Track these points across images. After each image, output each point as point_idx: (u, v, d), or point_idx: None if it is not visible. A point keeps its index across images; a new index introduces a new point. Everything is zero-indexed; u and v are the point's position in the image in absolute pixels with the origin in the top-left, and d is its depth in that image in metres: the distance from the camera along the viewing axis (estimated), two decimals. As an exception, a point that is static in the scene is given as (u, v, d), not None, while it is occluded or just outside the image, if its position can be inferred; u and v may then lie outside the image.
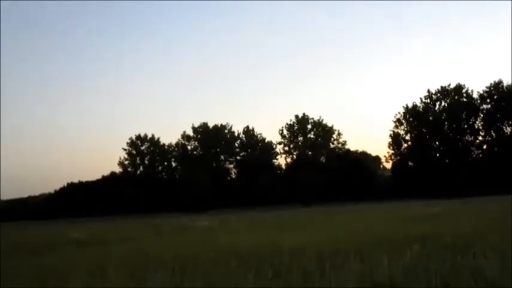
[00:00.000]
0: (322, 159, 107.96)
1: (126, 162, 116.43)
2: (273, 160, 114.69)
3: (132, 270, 11.51)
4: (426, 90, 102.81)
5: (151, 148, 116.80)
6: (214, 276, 9.78)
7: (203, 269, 10.80)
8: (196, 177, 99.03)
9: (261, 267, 10.16)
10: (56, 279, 10.95)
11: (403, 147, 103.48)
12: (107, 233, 32.40)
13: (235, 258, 12.34)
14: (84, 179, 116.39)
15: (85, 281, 10.28)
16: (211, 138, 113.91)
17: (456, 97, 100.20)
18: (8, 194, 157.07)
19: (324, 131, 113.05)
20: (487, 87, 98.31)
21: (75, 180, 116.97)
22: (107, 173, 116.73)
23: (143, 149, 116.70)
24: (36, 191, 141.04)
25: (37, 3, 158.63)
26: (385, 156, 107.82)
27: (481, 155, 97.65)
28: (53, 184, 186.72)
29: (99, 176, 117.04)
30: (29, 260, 16.39)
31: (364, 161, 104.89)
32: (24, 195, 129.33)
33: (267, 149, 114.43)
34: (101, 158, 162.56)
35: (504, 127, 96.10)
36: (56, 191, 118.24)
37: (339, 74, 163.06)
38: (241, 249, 14.34)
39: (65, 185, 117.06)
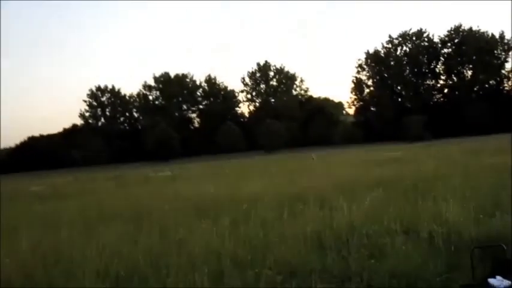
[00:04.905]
0: (285, 106, 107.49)
1: (87, 114, 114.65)
2: (236, 108, 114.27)
3: (87, 224, 11.23)
4: (387, 36, 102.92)
5: (112, 99, 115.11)
6: (170, 226, 9.55)
7: (159, 219, 10.56)
8: (159, 127, 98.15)
9: (219, 216, 9.97)
10: (11, 233, 10.63)
11: (365, 93, 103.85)
12: (67, 186, 31.99)
13: (193, 208, 12.14)
14: (45, 133, 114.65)
15: (38, 235, 9.97)
16: (173, 88, 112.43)
17: (417, 42, 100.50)
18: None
19: (287, 78, 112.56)
20: (447, 31, 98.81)
21: (36, 134, 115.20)
22: (68, 125, 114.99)
23: (104, 100, 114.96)
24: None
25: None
26: (347, 102, 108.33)
27: (442, 99, 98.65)
28: (14, 139, 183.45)
29: (60, 129, 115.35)
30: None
31: (326, 107, 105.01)
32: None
33: (229, 97, 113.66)
34: (62, 110, 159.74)
35: (464, 71, 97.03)
36: (17, 145, 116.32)
37: (301, 19, 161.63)
38: (200, 199, 14.14)
39: (26, 139, 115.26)
